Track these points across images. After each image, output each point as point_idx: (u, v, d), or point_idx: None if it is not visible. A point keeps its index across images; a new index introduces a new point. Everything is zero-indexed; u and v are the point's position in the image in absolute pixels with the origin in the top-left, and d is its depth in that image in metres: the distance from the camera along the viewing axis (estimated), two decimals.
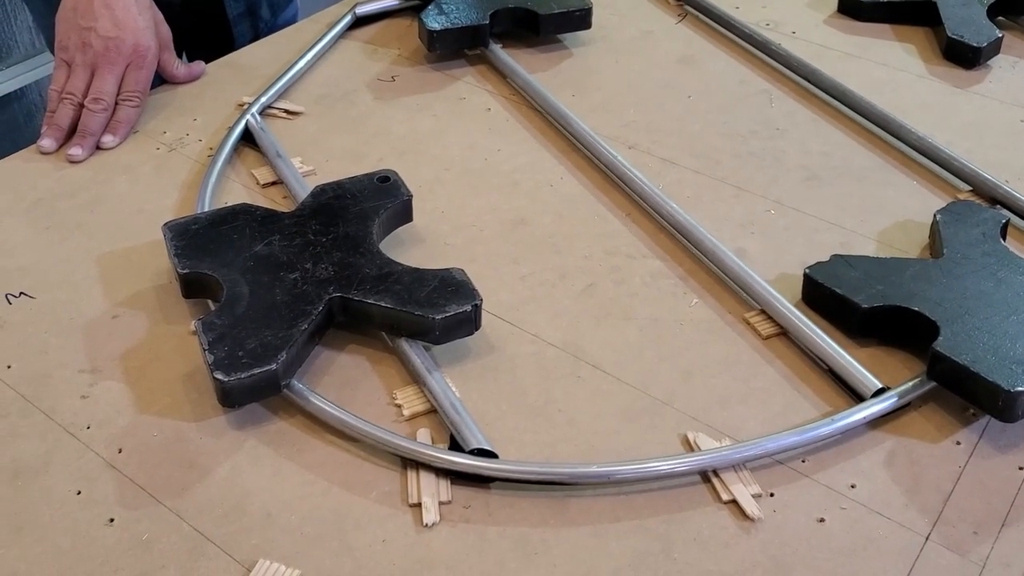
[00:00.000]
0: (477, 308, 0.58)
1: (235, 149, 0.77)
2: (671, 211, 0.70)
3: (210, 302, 0.62)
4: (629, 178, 0.73)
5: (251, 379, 0.54)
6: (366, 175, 0.68)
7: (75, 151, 0.75)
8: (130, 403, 0.57)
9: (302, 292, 0.59)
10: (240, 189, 0.74)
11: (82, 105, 0.77)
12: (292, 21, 1.09)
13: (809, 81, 0.86)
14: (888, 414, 0.57)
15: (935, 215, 0.68)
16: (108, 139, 0.76)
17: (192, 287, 0.61)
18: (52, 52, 0.82)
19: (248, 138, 0.78)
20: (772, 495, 0.53)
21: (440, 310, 0.58)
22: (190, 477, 0.53)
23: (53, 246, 0.68)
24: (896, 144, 0.79)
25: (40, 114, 1.71)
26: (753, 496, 0.52)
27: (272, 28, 1.05)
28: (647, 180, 0.73)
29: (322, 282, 0.59)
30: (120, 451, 0.54)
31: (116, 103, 0.78)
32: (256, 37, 1.04)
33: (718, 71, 0.89)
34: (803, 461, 0.55)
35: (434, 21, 0.87)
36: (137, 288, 0.64)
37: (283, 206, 0.72)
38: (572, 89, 0.86)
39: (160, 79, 0.84)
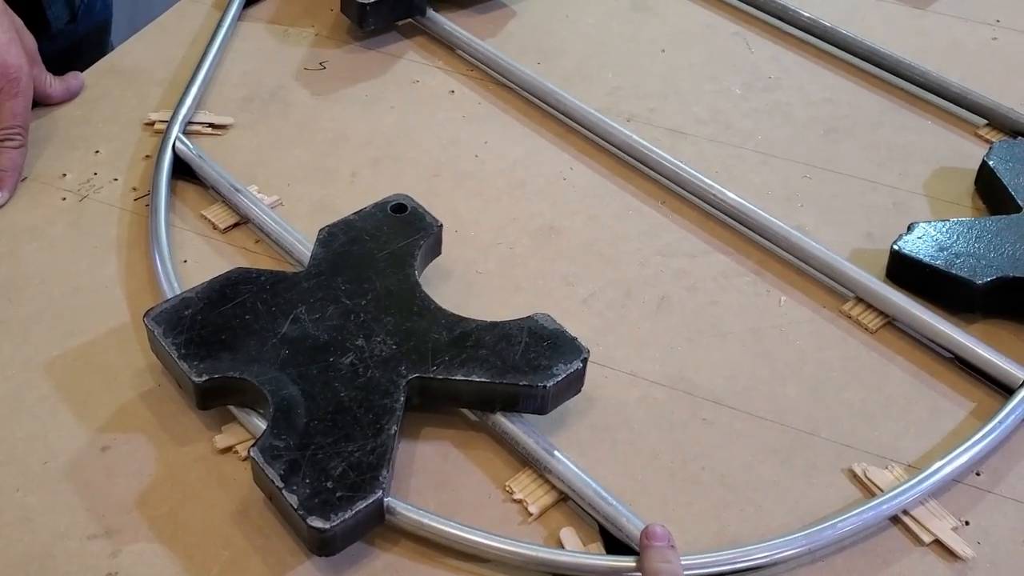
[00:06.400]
0: (586, 361, 0.48)
1: (170, 187, 0.61)
2: (717, 195, 0.61)
3: (233, 408, 0.48)
4: (654, 160, 0.64)
5: (356, 517, 0.41)
6: (375, 206, 0.55)
7: None
8: (179, 570, 0.43)
9: (369, 380, 0.46)
10: (196, 240, 0.58)
11: None
12: None
13: (779, 19, 0.79)
14: None
15: (986, 162, 0.63)
16: None
17: (212, 397, 0.47)
18: None
19: (179, 168, 0.62)
20: (967, 523, 0.47)
21: (547, 375, 0.47)
22: None
23: None
24: (893, 80, 0.74)
25: None
26: (953, 530, 0.46)
27: (90, 8, 0.84)
28: (680, 161, 0.63)
29: (387, 361, 0.47)
30: None
31: None
32: (73, 17, 0.83)
33: (679, 16, 0.80)
34: (977, 474, 0.49)
35: None
36: (118, 402, 0.49)
37: (262, 255, 0.57)
38: (534, 55, 0.74)
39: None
